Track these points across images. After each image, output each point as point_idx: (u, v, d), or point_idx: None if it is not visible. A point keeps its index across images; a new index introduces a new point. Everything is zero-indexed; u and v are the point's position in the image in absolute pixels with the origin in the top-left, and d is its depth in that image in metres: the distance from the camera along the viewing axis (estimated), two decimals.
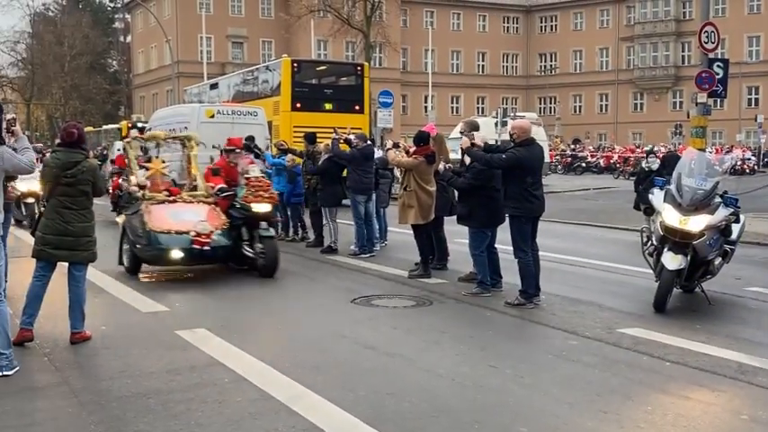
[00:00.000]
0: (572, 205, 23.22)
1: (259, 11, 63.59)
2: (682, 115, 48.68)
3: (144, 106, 66.08)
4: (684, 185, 8.40)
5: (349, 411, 5.13)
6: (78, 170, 6.77)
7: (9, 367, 5.91)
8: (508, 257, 9.19)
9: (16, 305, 7.08)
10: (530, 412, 5.24)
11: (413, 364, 6.43)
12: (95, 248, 7.00)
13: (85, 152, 7.02)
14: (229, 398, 5.46)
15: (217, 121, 19.27)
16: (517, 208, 8.62)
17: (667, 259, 8.25)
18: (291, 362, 6.32)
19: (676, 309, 8.63)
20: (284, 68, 25.44)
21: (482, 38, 71.41)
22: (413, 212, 10.32)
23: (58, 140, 7.34)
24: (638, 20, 67.38)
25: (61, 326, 7.01)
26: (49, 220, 6.79)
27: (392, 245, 13.76)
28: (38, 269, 6.86)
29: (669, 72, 66.24)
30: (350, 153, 12.82)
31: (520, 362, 6.49)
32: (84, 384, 5.84)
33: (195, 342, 6.96)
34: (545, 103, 71.40)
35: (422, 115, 56.15)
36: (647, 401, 5.52)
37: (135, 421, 4.98)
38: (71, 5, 73.11)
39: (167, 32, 45.76)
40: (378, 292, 9.47)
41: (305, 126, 19.93)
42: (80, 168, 6.78)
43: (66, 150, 6.86)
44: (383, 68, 58.07)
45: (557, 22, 72.76)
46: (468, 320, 8.24)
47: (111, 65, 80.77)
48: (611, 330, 7.58)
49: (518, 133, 8.80)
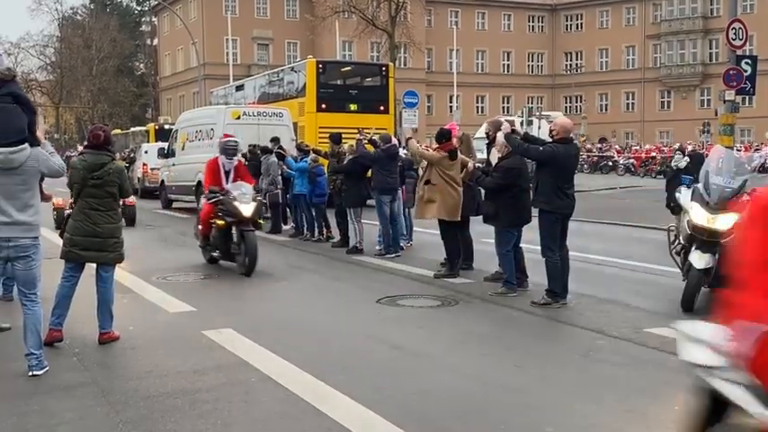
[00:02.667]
0: (599, 204, 23.07)
1: (284, 12, 63.83)
2: (709, 113, 48.17)
3: (171, 108, 66.62)
4: (712, 184, 8.32)
5: (375, 411, 5.13)
6: (105, 172, 6.86)
7: (39, 367, 5.98)
8: (535, 257, 9.15)
9: (46, 306, 7.15)
10: (556, 412, 5.22)
11: (439, 364, 6.42)
12: (122, 249, 7.08)
13: (112, 154, 7.13)
14: (256, 397, 5.49)
15: (243, 123, 19.37)
16: (547, 203, 8.59)
17: (695, 258, 8.19)
18: (317, 361, 6.33)
19: (704, 308, 8.53)
20: (309, 69, 25.51)
21: (507, 37, 71.14)
22: (434, 207, 10.30)
23: (84, 143, 7.44)
24: (665, 17, 66.77)
25: (90, 326, 7.08)
26: (77, 221, 6.88)
27: (417, 245, 13.76)
28: (66, 270, 6.95)
29: (696, 70, 65.57)
30: (374, 153, 12.84)
31: (546, 362, 6.46)
32: (112, 384, 5.89)
33: (222, 342, 7.00)
34: (571, 102, 70.95)
35: (447, 115, 55.99)
36: (674, 401, 5.46)
37: (162, 420, 5.01)
38: (99, 9, 73.91)
39: (193, 35, 46.10)
40: (403, 292, 9.47)
41: (330, 127, 19.98)
42: (107, 170, 6.87)
43: (93, 153, 6.96)
44: (408, 69, 58.01)
45: (582, 20, 72.28)
46: (494, 320, 8.22)
47: (138, 68, 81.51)
48: (639, 330, 7.52)
49: (558, 130, 8.78)
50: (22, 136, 5.84)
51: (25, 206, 5.89)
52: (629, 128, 68.08)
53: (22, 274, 5.98)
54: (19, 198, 5.85)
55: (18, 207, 5.83)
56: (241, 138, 13.64)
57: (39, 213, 6.11)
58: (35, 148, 5.94)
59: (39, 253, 6.07)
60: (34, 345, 6.00)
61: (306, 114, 24.79)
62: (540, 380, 5.96)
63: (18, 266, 5.94)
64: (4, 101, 5.80)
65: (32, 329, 5.99)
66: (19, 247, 5.85)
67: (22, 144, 5.81)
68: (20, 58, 65.58)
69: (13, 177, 5.80)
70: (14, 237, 5.81)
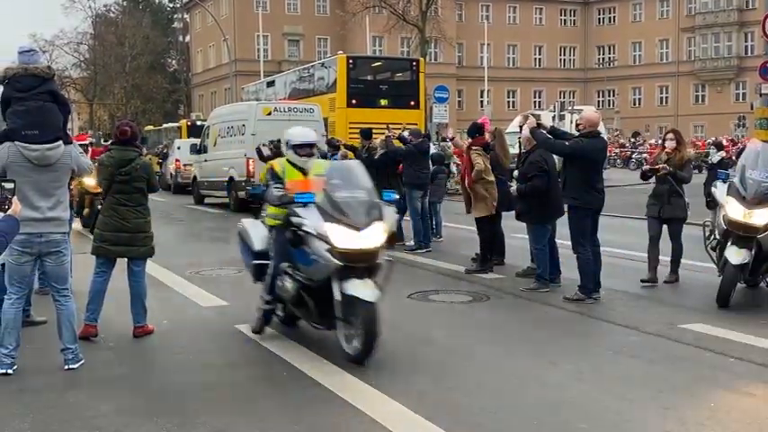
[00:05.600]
0: (632, 199, 22.81)
1: (315, 8, 63.96)
2: (745, 107, 47.62)
3: (203, 105, 67.12)
4: (749, 178, 8.20)
5: (407, 406, 5.14)
6: (132, 167, 6.91)
7: (75, 360, 6.05)
8: (567, 252, 9.09)
9: (80, 300, 7.24)
10: (590, 409, 5.18)
11: (470, 360, 6.40)
12: (152, 243, 7.13)
13: (139, 149, 7.20)
14: (289, 391, 5.52)
15: (274, 119, 19.44)
16: (576, 198, 8.52)
17: (731, 253, 8.08)
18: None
19: (740, 304, 8.43)
20: (340, 65, 25.57)
21: (539, 31, 70.69)
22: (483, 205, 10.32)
23: (111, 139, 7.49)
24: (699, 10, 65.93)
25: (125, 320, 7.15)
26: (106, 217, 6.94)
27: (448, 240, 13.72)
28: (98, 266, 7.02)
29: (731, 63, 64.70)
30: (405, 149, 12.81)
31: (580, 358, 6.42)
32: (146, 377, 5.96)
33: (254, 336, 7.04)
34: (603, 96, 70.34)
35: (477, 110, 55.82)
36: (710, 398, 5.41)
37: (196, 413, 5.06)
38: (131, 6, 74.58)
39: (225, 31, 46.38)
40: (434, 288, 9.46)
41: (361, 122, 20.01)
42: (134, 166, 6.93)
43: (121, 148, 7.01)
44: (439, 63, 57.87)
45: (615, 13, 71.60)
46: (526, 316, 8.18)
47: (170, 64, 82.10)
48: (673, 326, 7.44)
49: (585, 124, 8.70)
50: (58, 134, 5.93)
51: (57, 202, 5.96)
52: (663, 122, 67.18)
53: (54, 269, 6.04)
54: (52, 194, 5.93)
55: (50, 203, 5.90)
56: (271, 135, 13.63)
57: (68, 209, 6.19)
58: (68, 146, 6.03)
59: (68, 248, 6.14)
60: (69, 339, 6.07)
61: (336, 110, 24.85)
62: (574, 376, 5.92)
63: (49, 262, 6.00)
64: (42, 98, 5.88)
65: (67, 325, 6.07)
66: (51, 243, 5.92)
67: (57, 141, 5.89)
68: (54, 56, 66.23)
69: (47, 174, 5.88)
70: (46, 232, 5.88)
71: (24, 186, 5.68)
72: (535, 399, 5.39)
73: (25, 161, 5.79)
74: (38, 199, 5.84)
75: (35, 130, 5.81)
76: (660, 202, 9.54)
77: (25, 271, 5.97)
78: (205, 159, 22.81)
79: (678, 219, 9.61)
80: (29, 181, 5.78)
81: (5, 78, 5.95)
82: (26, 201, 5.69)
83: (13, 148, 5.79)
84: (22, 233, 5.71)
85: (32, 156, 5.79)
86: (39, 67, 6.00)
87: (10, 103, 5.91)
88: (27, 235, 5.76)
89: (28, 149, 5.78)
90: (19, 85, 5.88)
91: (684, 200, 9.51)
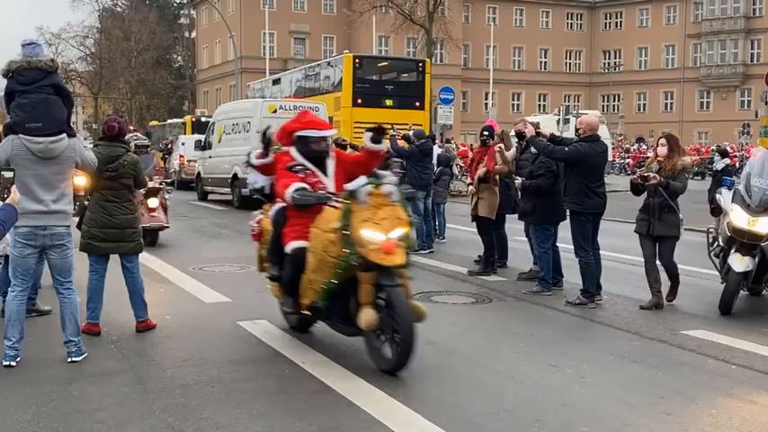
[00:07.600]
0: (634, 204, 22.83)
1: (321, 7, 63.99)
2: (750, 114, 47.52)
3: (207, 101, 67.18)
4: (754, 186, 8.20)
5: (409, 406, 5.15)
6: (120, 164, 6.85)
7: (78, 353, 6.07)
8: (569, 256, 9.09)
9: (80, 295, 7.23)
10: (591, 412, 5.19)
11: (473, 362, 6.41)
12: (141, 239, 7.11)
13: (126, 146, 7.09)
14: (290, 389, 5.52)
15: (279, 116, 19.37)
16: (576, 203, 8.53)
17: (734, 261, 8.07)
18: (352, 355, 6.35)
19: (743, 311, 8.44)
20: (346, 64, 25.57)
21: (545, 34, 70.63)
22: (482, 204, 10.32)
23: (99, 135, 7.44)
24: (706, 17, 65.87)
25: (127, 315, 7.16)
26: (94, 213, 6.89)
27: (451, 241, 13.73)
28: (91, 263, 6.97)
29: (737, 70, 64.64)
30: (409, 149, 12.83)
31: (582, 362, 6.42)
32: (149, 372, 5.97)
33: (257, 333, 7.06)
34: (608, 101, 70.31)
35: (482, 112, 55.87)
36: (711, 405, 5.41)
37: (198, 409, 5.07)
38: (138, 1, 74.58)
39: (231, 28, 46.36)
40: (437, 289, 9.46)
41: (366, 122, 19.99)
42: (121, 162, 6.86)
43: (108, 144, 6.94)
44: (444, 65, 57.83)
45: (622, 18, 71.54)
46: (528, 319, 8.18)
47: (176, 60, 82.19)
48: (675, 332, 7.44)
49: (584, 129, 8.71)
50: (62, 127, 5.94)
51: (61, 195, 5.97)
52: (667, 128, 66.84)
53: (58, 262, 6.06)
54: (56, 187, 5.94)
55: (54, 196, 5.91)
56: None
57: (71, 203, 6.19)
58: (72, 139, 6.04)
59: (71, 241, 6.15)
60: (72, 332, 6.09)
61: (342, 109, 24.85)
62: (576, 379, 5.93)
63: (53, 255, 6.01)
64: (46, 91, 5.89)
65: (70, 317, 6.09)
66: (55, 236, 5.93)
67: (61, 134, 5.90)
68: (60, 49, 66.38)
69: (51, 167, 5.89)
70: (50, 225, 5.89)
71: (28, 179, 5.71)
72: (536, 401, 5.39)
73: (29, 154, 5.80)
74: (42, 192, 5.85)
75: (39, 123, 5.81)
76: (650, 217, 8.41)
77: (29, 264, 5.99)
78: (209, 156, 22.82)
79: (670, 237, 8.43)
80: (33, 174, 5.79)
81: (9, 71, 5.96)
82: (30, 194, 5.71)
83: (18, 141, 5.81)
84: (27, 226, 5.74)
85: (36, 149, 5.80)
86: (42, 59, 5.99)
87: (14, 96, 5.92)
88: (31, 228, 5.79)
89: (32, 142, 5.79)
90: (22, 78, 5.89)
91: (678, 216, 8.33)
